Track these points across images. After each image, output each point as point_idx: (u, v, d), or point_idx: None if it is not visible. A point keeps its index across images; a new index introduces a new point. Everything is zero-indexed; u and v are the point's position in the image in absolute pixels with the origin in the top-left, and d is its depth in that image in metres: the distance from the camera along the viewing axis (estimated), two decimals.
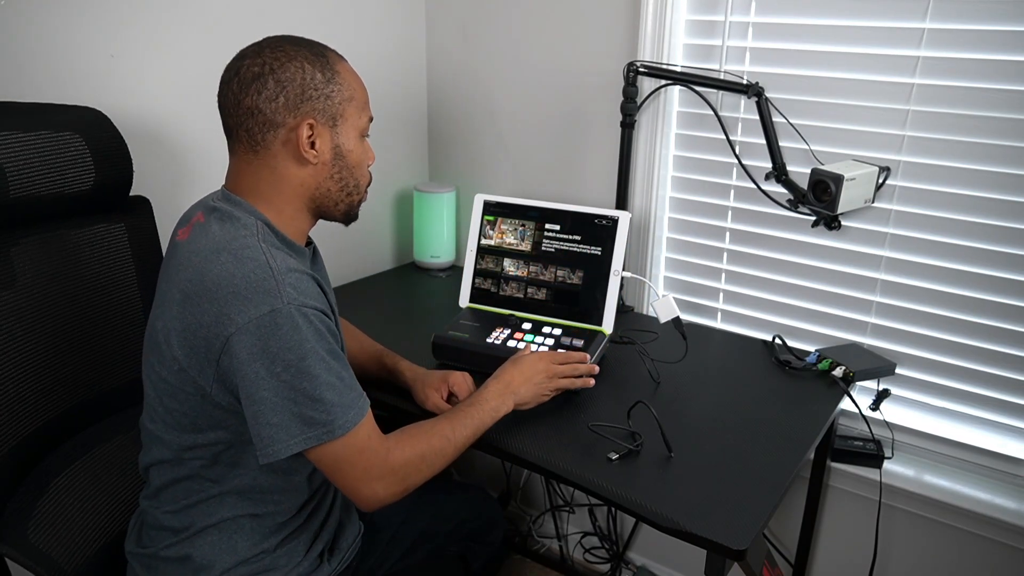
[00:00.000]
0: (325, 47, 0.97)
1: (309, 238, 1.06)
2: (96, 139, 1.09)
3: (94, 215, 1.15)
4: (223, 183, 0.99)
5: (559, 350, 1.27)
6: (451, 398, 1.19)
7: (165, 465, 0.99)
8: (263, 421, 0.86)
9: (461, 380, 1.20)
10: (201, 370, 0.88)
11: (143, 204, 1.24)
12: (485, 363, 1.28)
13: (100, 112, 1.13)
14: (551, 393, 1.18)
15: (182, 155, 1.43)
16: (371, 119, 1.01)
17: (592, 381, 1.22)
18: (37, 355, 1.07)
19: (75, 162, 1.06)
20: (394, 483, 0.95)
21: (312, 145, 0.93)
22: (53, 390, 1.09)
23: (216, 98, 0.95)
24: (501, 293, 1.44)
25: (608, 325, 1.36)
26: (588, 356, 1.24)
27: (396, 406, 1.24)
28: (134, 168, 1.17)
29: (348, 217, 1.04)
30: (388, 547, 1.21)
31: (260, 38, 0.97)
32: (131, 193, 1.20)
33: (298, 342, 0.85)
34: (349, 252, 1.86)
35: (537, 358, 1.18)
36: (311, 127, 0.92)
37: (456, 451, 1.03)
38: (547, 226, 1.42)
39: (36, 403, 1.07)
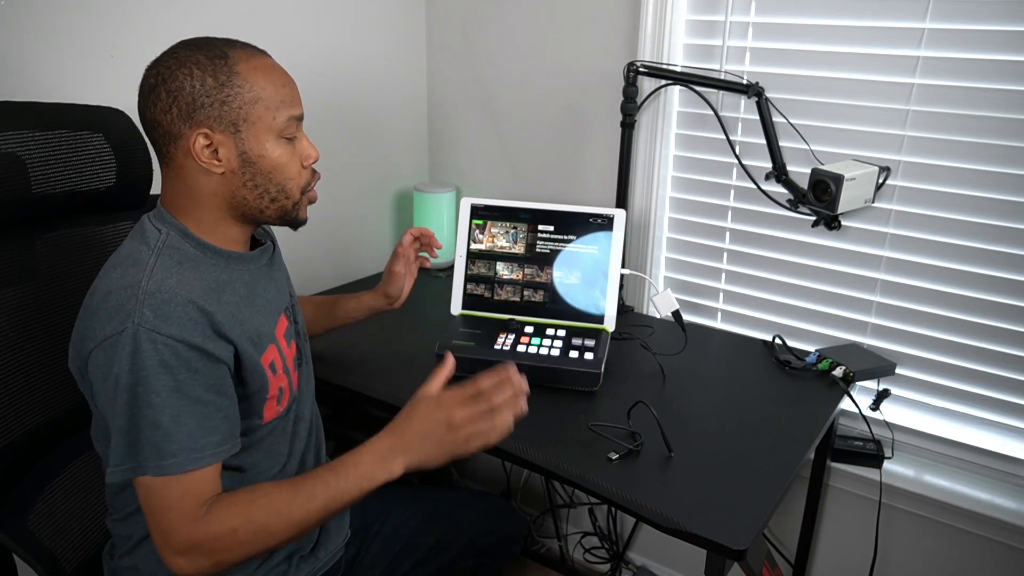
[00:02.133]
0: (232, 45, 0.89)
1: (264, 240, 1.04)
2: (119, 138, 1.11)
3: (118, 212, 1.17)
4: None
5: (481, 382, 0.94)
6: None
7: (108, 474, 0.99)
8: (107, 441, 0.86)
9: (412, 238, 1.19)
10: (82, 381, 0.89)
11: None
12: None
13: (123, 112, 1.14)
14: (469, 449, 0.92)
15: None
16: (296, 117, 0.92)
17: (524, 406, 0.95)
18: (53, 348, 1.07)
19: (97, 160, 1.08)
20: (198, 558, 0.84)
21: (216, 154, 0.88)
22: (66, 382, 1.09)
23: None
24: (496, 298, 1.43)
25: (610, 323, 1.36)
26: (514, 368, 0.96)
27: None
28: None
29: (287, 222, 0.96)
30: (395, 559, 1.18)
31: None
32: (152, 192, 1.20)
33: (134, 367, 0.81)
34: (349, 252, 1.86)
35: (435, 405, 0.92)
36: (207, 136, 0.87)
37: (292, 529, 0.86)
38: (540, 227, 1.42)
39: (48, 396, 1.07)
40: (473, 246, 1.44)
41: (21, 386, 1.03)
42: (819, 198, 1.32)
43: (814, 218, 1.44)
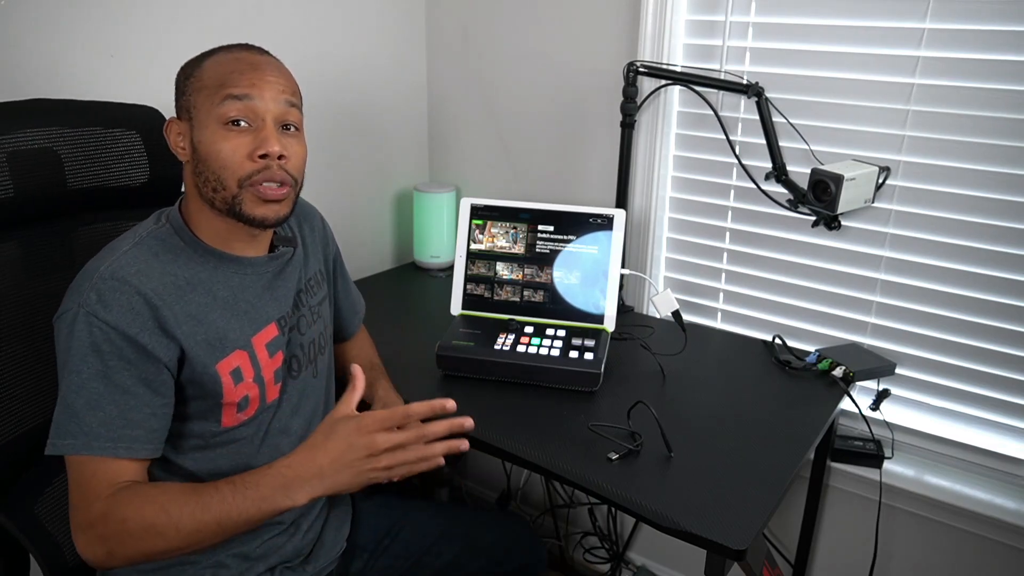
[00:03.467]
0: (224, 46, 0.95)
1: (278, 245, 1.03)
2: (152, 136, 1.14)
3: (151, 208, 1.17)
4: None
5: (413, 407, 0.89)
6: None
7: None
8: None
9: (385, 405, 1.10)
10: None
11: None
12: (496, 371, 1.28)
13: (157, 110, 1.16)
14: (382, 478, 0.87)
15: None
16: (233, 97, 0.88)
17: (465, 444, 0.92)
18: None
19: (131, 157, 1.12)
20: (94, 540, 0.83)
21: (183, 141, 0.94)
22: None
23: None
24: (495, 298, 1.43)
25: (610, 323, 1.36)
26: (450, 405, 0.90)
27: None
28: None
29: (237, 216, 0.91)
30: (406, 575, 1.16)
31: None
32: None
33: (67, 347, 0.85)
34: (349, 252, 1.85)
35: (355, 428, 0.86)
36: (176, 125, 0.94)
37: (180, 535, 0.82)
38: (540, 227, 1.42)
39: None
40: (473, 246, 1.44)
41: (44, 374, 1.05)
42: (819, 198, 1.32)
43: (814, 218, 1.44)
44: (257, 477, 0.85)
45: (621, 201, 1.60)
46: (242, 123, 0.89)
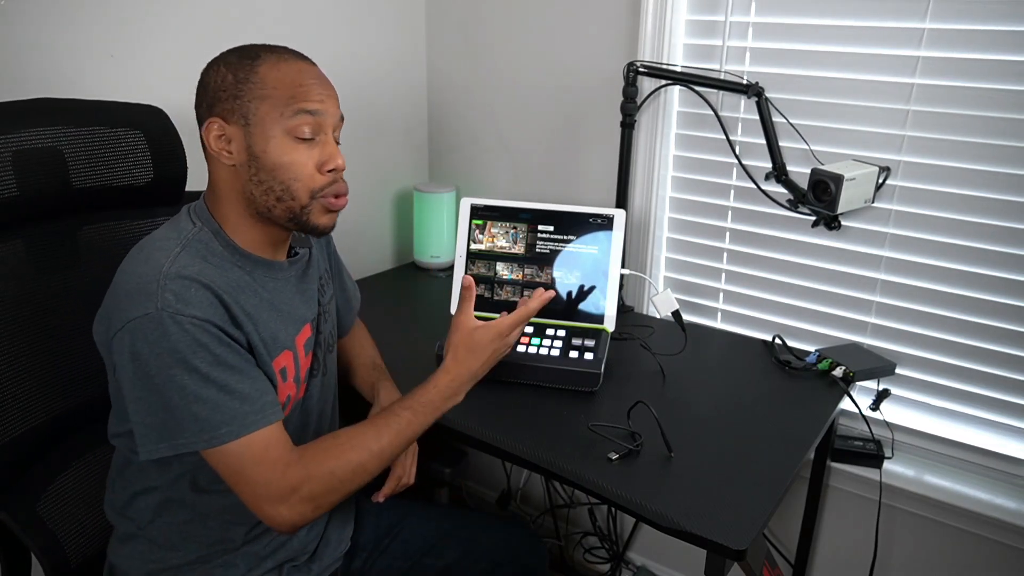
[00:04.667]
0: (267, 50, 0.92)
1: (301, 249, 1.05)
2: (156, 135, 1.13)
3: (155, 207, 1.19)
4: None
5: (518, 312, 1.07)
6: None
7: (114, 454, 1.00)
8: (136, 419, 0.86)
9: None
10: (106, 358, 0.91)
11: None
12: (497, 371, 1.27)
13: (161, 110, 1.16)
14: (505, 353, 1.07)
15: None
16: (308, 112, 0.91)
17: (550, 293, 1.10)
18: (88, 335, 1.08)
19: (135, 156, 1.11)
20: (299, 503, 0.87)
21: (229, 144, 0.91)
22: (102, 369, 1.11)
23: None
24: (495, 298, 1.43)
25: (610, 323, 1.36)
26: (550, 295, 1.10)
27: None
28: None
29: (300, 226, 0.95)
30: None
31: (260, 38, 0.98)
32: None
33: (166, 350, 0.82)
34: (349, 252, 1.85)
35: (496, 335, 1.03)
36: (220, 127, 0.90)
37: (379, 463, 0.93)
38: (540, 227, 1.42)
39: (80, 381, 1.09)
40: (473, 246, 1.44)
41: (48, 372, 1.05)
42: (819, 198, 1.32)
43: (814, 218, 1.44)
44: (426, 397, 0.98)
45: (621, 201, 1.60)
46: (313, 137, 0.92)
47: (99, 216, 1.12)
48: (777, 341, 1.50)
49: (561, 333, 1.34)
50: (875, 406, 1.43)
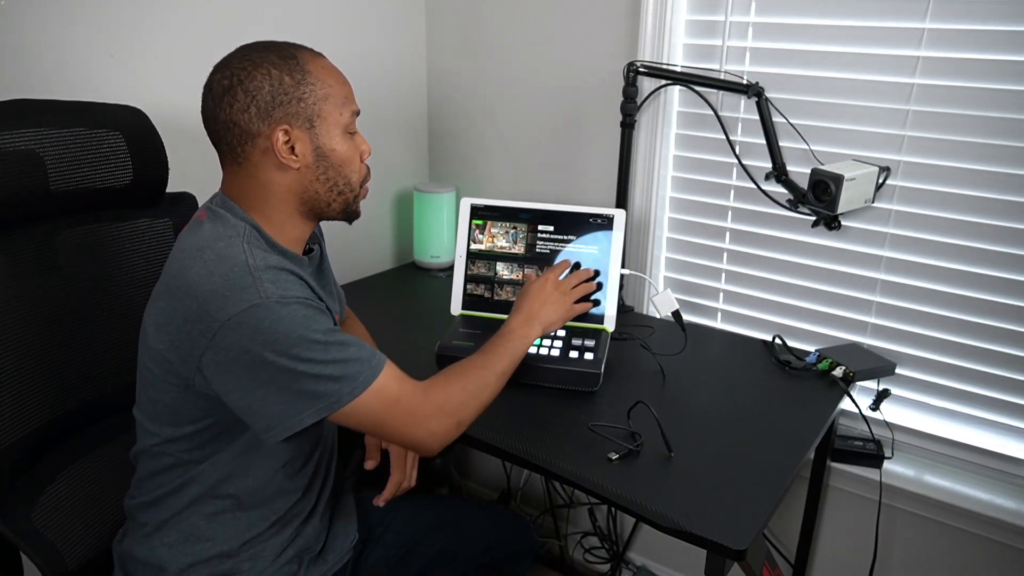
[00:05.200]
0: (297, 48, 0.94)
1: (313, 245, 1.06)
2: (135, 136, 1.12)
3: (139, 209, 1.18)
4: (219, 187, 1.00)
5: (554, 266, 1.28)
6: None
7: (145, 456, 0.99)
8: (271, 402, 0.87)
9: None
10: (184, 361, 0.89)
11: (188, 200, 1.26)
12: None
13: (140, 110, 1.15)
14: (574, 310, 1.22)
15: (181, 155, 1.42)
16: (356, 112, 0.99)
17: (590, 305, 1.28)
18: (75, 340, 1.09)
19: (114, 158, 1.10)
20: (444, 419, 0.97)
21: (292, 150, 0.92)
22: (89, 375, 1.10)
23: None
24: (496, 298, 1.43)
25: (610, 323, 1.36)
26: (580, 266, 1.30)
27: None
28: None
29: (347, 215, 1.02)
30: (396, 565, 1.18)
31: (260, 38, 0.97)
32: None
33: (284, 332, 0.85)
34: (349, 252, 1.86)
35: (543, 281, 1.20)
36: (286, 132, 0.91)
37: (498, 380, 1.05)
38: (540, 227, 1.42)
39: (69, 385, 1.08)
40: (473, 246, 1.44)
41: (35, 379, 1.04)
42: (819, 198, 1.32)
43: (814, 218, 1.44)
44: (510, 327, 1.12)
45: (621, 201, 1.60)
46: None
47: (77, 220, 1.09)
48: (777, 341, 1.50)
49: (561, 333, 1.34)
50: (875, 406, 1.43)
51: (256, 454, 0.97)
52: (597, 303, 1.30)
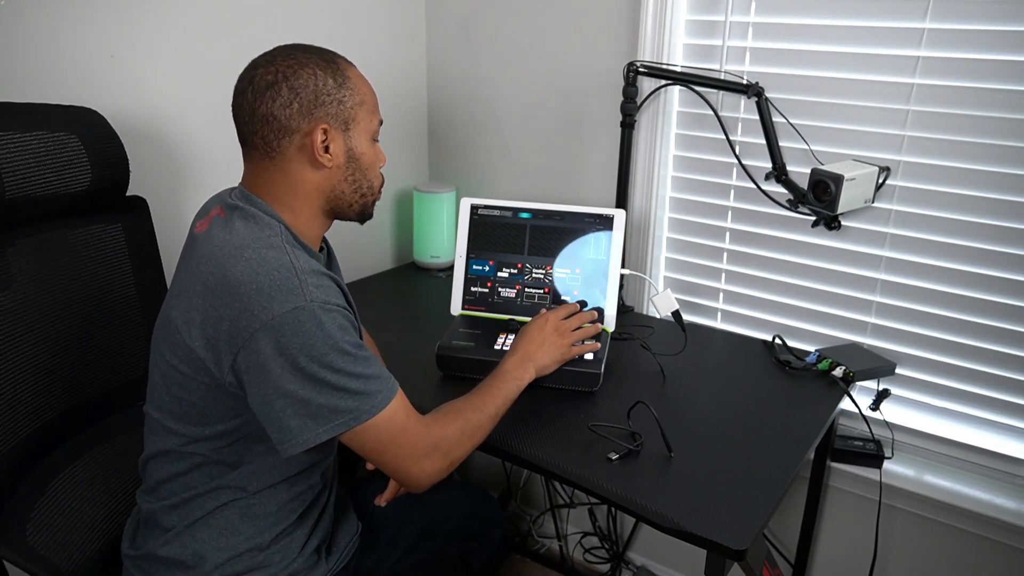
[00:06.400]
0: (335, 54, 0.98)
1: (323, 243, 1.08)
2: (92, 139, 1.09)
3: (91, 215, 1.15)
4: (239, 181, 1.00)
5: (558, 307, 1.29)
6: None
7: (166, 458, 0.99)
8: (289, 414, 0.88)
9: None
10: (218, 361, 0.89)
11: (140, 204, 1.24)
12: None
13: (96, 112, 1.13)
14: (571, 353, 1.23)
15: (181, 155, 1.43)
16: (381, 122, 1.03)
17: (597, 345, 1.27)
18: (35, 356, 1.06)
19: (71, 162, 1.06)
20: (439, 458, 0.99)
21: (326, 149, 0.95)
22: (51, 391, 1.09)
23: (230, 105, 0.96)
24: (496, 298, 1.43)
25: (610, 323, 1.36)
26: (586, 305, 1.32)
27: None
28: (132, 168, 1.18)
29: (363, 216, 1.06)
30: (388, 546, 1.21)
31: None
32: (129, 193, 1.20)
33: (322, 338, 0.87)
34: (349, 252, 1.86)
35: (543, 321, 1.22)
36: (325, 131, 0.94)
37: (491, 422, 1.07)
38: (540, 227, 1.42)
39: (34, 404, 1.07)
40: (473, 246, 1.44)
41: (8, 398, 1.02)
42: (819, 198, 1.32)
43: (814, 218, 1.44)
44: (505, 369, 1.14)
45: (621, 201, 1.60)
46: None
47: (30, 229, 1.06)
48: (777, 341, 1.50)
49: None
50: (875, 406, 1.43)
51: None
52: (597, 347, 1.27)
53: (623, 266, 1.43)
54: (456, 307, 1.44)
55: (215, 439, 0.96)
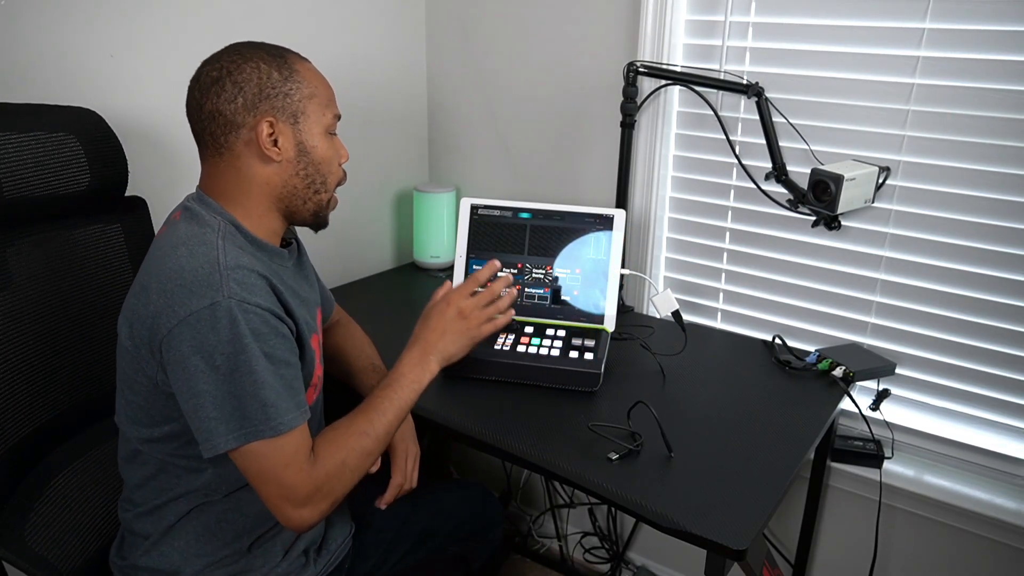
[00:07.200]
0: (285, 49, 0.97)
1: (291, 239, 1.07)
2: (91, 140, 1.09)
3: (90, 216, 1.15)
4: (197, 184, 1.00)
5: (462, 283, 1.13)
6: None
7: (132, 462, 0.99)
8: (202, 415, 0.85)
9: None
10: (147, 359, 0.89)
11: (139, 204, 1.24)
12: (496, 371, 1.28)
13: (95, 113, 1.13)
14: (482, 333, 1.09)
15: (181, 155, 1.43)
16: (337, 116, 1.00)
17: (512, 313, 1.14)
18: (33, 357, 1.06)
19: (70, 163, 1.06)
20: (320, 501, 0.91)
21: (275, 143, 0.94)
22: (49, 392, 1.09)
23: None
24: (496, 298, 1.42)
25: (610, 323, 1.36)
26: (497, 264, 1.13)
27: None
28: (131, 168, 1.18)
29: (317, 219, 1.02)
30: (388, 548, 1.21)
31: (260, 39, 0.98)
32: (128, 193, 1.20)
33: (236, 336, 0.84)
34: (349, 252, 1.86)
35: (444, 305, 1.09)
36: (271, 124, 0.93)
37: (379, 443, 0.98)
38: (540, 227, 1.42)
39: (32, 405, 1.07)
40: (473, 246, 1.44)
41: (6, 398, 1.02)
42: (819, 198, 1.32)
43: (814, 218, 1.44)
44: (399, 371, 1.02)
45: (621, 201, 1.60)
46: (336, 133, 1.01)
47: (30, 229, 1.06)
48: (777, 341, 1.50)
49: (561, 333, 1.34)
50: (875, 406, 1.43)
51: None
52: (510, 319, 1.14)
53: (623, 266, 1.43)
54: None
55: (165, 441, 0.94)
